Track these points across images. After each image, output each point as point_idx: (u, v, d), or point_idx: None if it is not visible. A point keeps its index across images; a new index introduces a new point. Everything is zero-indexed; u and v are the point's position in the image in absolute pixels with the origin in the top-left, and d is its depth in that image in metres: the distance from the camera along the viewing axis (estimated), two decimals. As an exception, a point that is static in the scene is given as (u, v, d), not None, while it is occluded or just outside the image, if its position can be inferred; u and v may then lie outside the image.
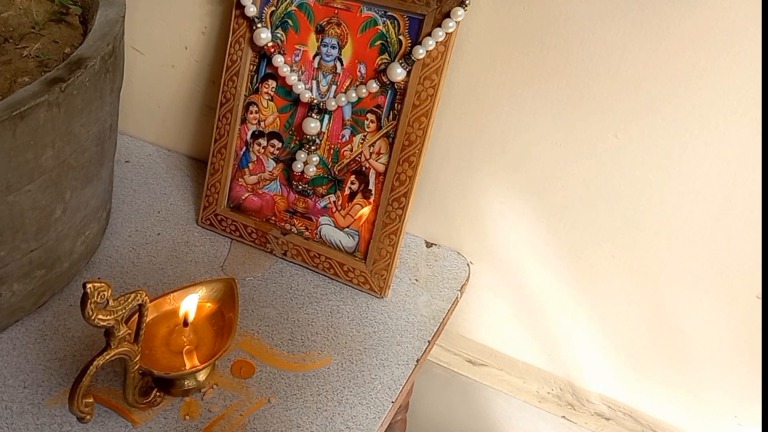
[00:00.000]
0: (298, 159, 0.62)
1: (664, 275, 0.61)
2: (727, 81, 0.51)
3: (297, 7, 0.60)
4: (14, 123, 0.41)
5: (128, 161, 0.76)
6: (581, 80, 0.55)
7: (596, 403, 0.72)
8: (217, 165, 0.67)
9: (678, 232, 0.58)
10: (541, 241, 0.64)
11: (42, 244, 0.50)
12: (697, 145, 0.54)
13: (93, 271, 0.61)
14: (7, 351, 0.53)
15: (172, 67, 0.73)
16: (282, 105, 0.63)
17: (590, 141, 0.58)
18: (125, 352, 0.44)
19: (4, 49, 0.52)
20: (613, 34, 0.53)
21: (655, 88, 0.53)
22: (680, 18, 0.50)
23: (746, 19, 0.48)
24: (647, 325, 0.64)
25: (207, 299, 0.52)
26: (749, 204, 0.54)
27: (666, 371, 0.66)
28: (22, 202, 0.46)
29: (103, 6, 0.54)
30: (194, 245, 0.66)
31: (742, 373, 0.62)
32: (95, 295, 0.39)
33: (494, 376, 0.76)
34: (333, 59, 0.60)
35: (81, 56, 0.47)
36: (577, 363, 0.70)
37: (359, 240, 0.63)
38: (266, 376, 0.53)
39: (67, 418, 0.48)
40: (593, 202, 0.60)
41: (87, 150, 0.50)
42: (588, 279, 0.64)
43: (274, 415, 0.51)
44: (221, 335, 0.50)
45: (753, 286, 0.57)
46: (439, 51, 0.55)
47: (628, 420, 0.71)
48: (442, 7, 0.54)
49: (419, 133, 0.58)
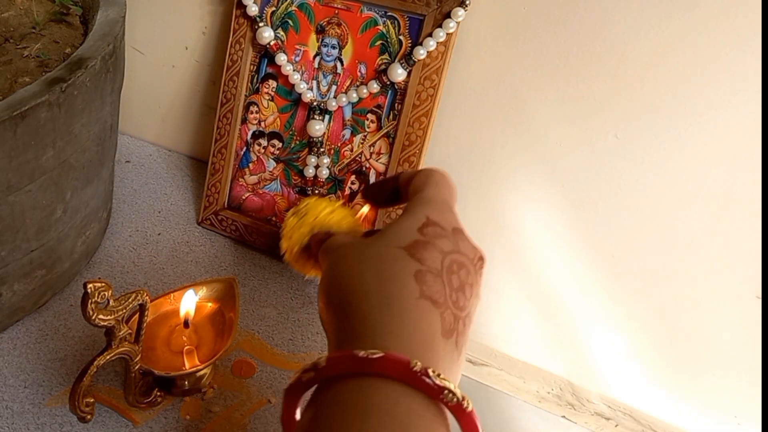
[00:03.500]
0: (309, 165, 0.62)
1: (664, 275, 0.61)
2: (727, 81, 0.51)
3: (297, 7, 0.60)
4: (15, 123, 0.41)
5: (129, 161, 0.76)
6: (581, 80, 0.55)
7: (596, 403, 0.72)
8: (217, 165, 0.67)
9: (678, 232, 0.58)
10: (541, 241, 0.64)
11: (42, 244, 0.51)
12: (697, 145, 0.54)
13: (93, 271, 0.61)
14: (8, 351, 0.53)
15: (173, 67, 0.73)
16: (282, 105, 0.63)
17: (590, 141, 0.58)
18: (126, 352, 0.44)
19: (4, 49, 0.52)
20: (614, 34, 0.53)
21: (655, 88, 0.53)
22: (680, 18, 0.50)
23: (746, 18, 0.48)
24: (647, 324, 0.64)
25: (207, 299, 0.52)
26: (749, 204, 0.54)
27: (666, 371, 0.66)
28: (23, 202, 0.46)
29: (104, 6, 0.54)
30: (195, 245, 0.66)
31: (741, 373, 0.62)
32: (96, 294, 0.39)
33: (494, 375, 0.76)
34: (333, 59, 0.60)
35: (81, 56, 0.47)
36: (577, 363, 0.70)
37: (359, 240, 0.63)
38: (266, 376, 0.53)
39: (67, 417, 0.48)
40: (593, 202, 0.60)
41: (87, 150, 0.50)
42: (588, 279, 0.64)
43: (274, 415, 0.51)
44: (221, 335, 0.50)
45: (753, 286, 0.57)
46: (440, 51, 0.55)
47: (628, 420, 0.71)
48: (443, 7, 0.54)
49: (419, 133, 0.58)
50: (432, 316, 0.31)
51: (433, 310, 0.32)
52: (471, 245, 0.36)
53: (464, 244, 0.35)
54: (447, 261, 0.34)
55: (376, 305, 0.31)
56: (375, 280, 0.32)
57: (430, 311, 0.31)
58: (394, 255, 0.33)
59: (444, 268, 0.33)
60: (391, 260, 0.33)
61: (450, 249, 0.34)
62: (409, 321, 0.31)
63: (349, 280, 0.33)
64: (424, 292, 0.32)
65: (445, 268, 0.33)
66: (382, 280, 0.32)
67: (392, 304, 0.31)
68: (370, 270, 0.33)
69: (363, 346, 0.29)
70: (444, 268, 0.33)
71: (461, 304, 0.33)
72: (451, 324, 0.32)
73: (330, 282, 0.35)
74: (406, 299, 0.31)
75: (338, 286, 0.34)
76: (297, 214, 0.45)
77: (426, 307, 0.31)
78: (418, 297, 0.32)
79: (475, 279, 0.35)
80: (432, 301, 0.32)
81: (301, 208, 0.45)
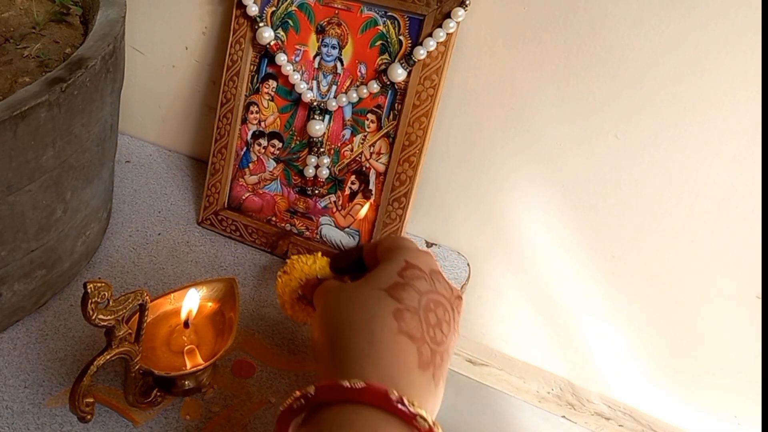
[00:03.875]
0: (309, 164, 0.62)
1: (664, 275, 0.61)
2: (727, 81, 0.51)
3: (297, 7, 0.60)
4: (15, 123, 0.41)
5: (129, 161, 0.76)
6: (581, 80, 0.55)
7: (596, 403, 0.72)
8: (217, 165, 0.67)
9: (678, 232, 0.58)
10: (541, 241, 0.64)
11: (43, 244, 0.51)
12: (697, 145, 0.54)
13: (94, 270, 0.61)
14: (8, 351, 0.53)
15: (173, 67, 0.73)
16: (282, 105, 0.63)
17: (590, 141, 0.58)
18: (126, 352, 0.44)
19: (4, 49, 0.52)
20: (614, 34, 0.53)
21: (655, 88, 0.53)
22: (680, 17, 0.50)
23: (746, 18, 0.48)
24: (647, 324, 0.64)
25: (208, 299, 0.52)
26: (749, 204, 0.54)
27: (666, 371, 0.66)
28: (23, 202, 0.46)
29: (104, 6, 0.54)
30: (195, 245, 0.66)
31: (741, 373, 0.62)
32: (96, 294, 0.39)
33: (494, 375, 0.76)
34: (333, 59, 0.60)
35: (82, 56, 0.47)
36: (577, 363, 0.70)
37: (360, 240, 0.63)
38: (267, 376, 0.53)
39: (67, 417, 0.48)
40: (593, 203, 0.60)
41: (88, 150, 0.50)
42: (588, 279, 0.64)
43: (274, 415, 0.51)
44: (222, 335, 0.50)
45: (753, 286, 0.57)
46: (440, 51, 0.55)
47: (628, 420, 0.71)
48: (443, 7, 0.54)
49: (419, 133, 0.58)
50: (409, 350, 0.35)
51: (410, 344, 0.36)
52: (448, 285, 0.40)
53: (441, 285, 0.40)
54: (424, 300, 0.38)
55: (360, 340, 0.36)
56: (360, 319, 0.37)
57: (408, 345, 0.35)
58: (376, 296, 0.38)
59: (421, 306, 0.37)
60: (374, 301, 0.37)
61: (427, 289, 0.39)
62: (387, 354, 0.35)
63: (338, 318, 0.38)
64: (402, 328, 0.36)
65: (423, 306, 0.37)
66: (366, 319, 0.37)
67: (373, 340, 0.35)
68: (357, 311, 0.37)
69: (348, 376, 0.34)
70: (421, 307, 0.37)
71: (438, 339, 0.37)
72: (428, 357, 0.36)
73: (323, 320, 0.39)
74: (386, 335, 0.36)
75: (330, 323, 0.38)
76: (285, 274, 0.50)
77: (403, 341, 0.35)
78: (397, 332, 0.36)
79: (453, 316, 0.39)
80: (409, 336, 0.36)
81: (287, 268, 0.50)
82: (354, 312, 0.37)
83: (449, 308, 0.39)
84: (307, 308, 0.50)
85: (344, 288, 0.40)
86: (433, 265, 0.41)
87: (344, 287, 0.40)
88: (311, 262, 0.51)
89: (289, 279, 0.51)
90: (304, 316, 0.51)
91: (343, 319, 0.37)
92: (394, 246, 0.42)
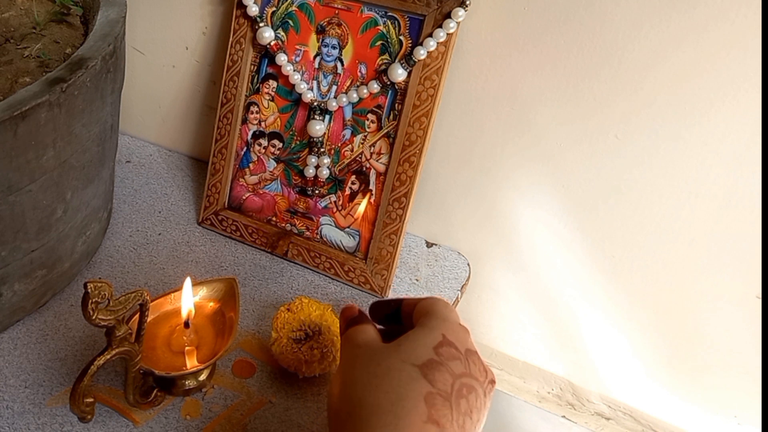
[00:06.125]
0: (309, 164, 0.62)
1: (664, 275, 0.61)
2: (727, 81, 0.51)
3: (297, 7, 0.60)
4: (15, 123, 0.41)
5: (129, 161, 0.76)
6: (581, 80, 0.55)
7: (596, 403, 0.72)
8: (218, 165, 0.67)
9: (677, 233, 0.58)
10: (542, 241, 0.64)
11: (43, 244, 0.51)
12: (697, 145, 0.54)
13: (94, 270, 0.61)
14: (9, 351, 0.53)
15: (173, 67, 0.73)
16: (283, 105, 0.63)
17: (590, 141, 0.58)
18: (126, 352, 0.44)
19: (5, 49, 0.52)
20: (614, 34, 0.53)
21: (655, 88, 0.53)
22: (680, 17, 0.50)
23: (746, 18, 0.48)
24: (647, 324, 0.64)
25: (208, 299, 0.52)
26: (749, 204, 0.54)
27: (666, 371, 0.66)
28: (24, 202, 0.46)
29: (104, 6, 0.54)
30: (195, 245, 0.66)
31: (741, 373, 0.62)
32: (96, 294, 0.39)
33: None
34: (333, 59, 0.60)
35: (82, 56, 0.47)
36: (577, 363, 0.70)
37: (360, 240, 0.63)
38: (267, 375, 0.53)
39: (68, 417, 0.48)
40: (593, 202, 0.60)
41: (88, 150, 0.50)
42: (588, 279, 0.64)
43: (274, 415, 0.51)
44: (222, 335, 0.50)
45: (753, 286, 0.57)
46: (440, 51, 0.55)
47: (628, 420, 0.71)
48: (443, 7, 0.54)
49: (420, 133, 0.58)
50: None
51: None
52: (483, 368, 0.38)
53: (476, 367, 0.38)
54: (458, 384, 0.36)
55: (384, 421, 0.34)
56: (386, 397, 0.35)
57: None
58: (408, 373, 0.35)
59: (454, 391, 0.35)
60: (406, 379, 0.35)
61: (461, 372, 0.37)
62: None
63: (362, 390, 0.36)
64: (432, 416, 0.34)
65: (455, 391, 0.35)
66: (394, 399, 0.34)
67: (399, 425, 0.33)
68: (384, 386, 0.35)
69: None
70: (454, 392, 0.35)
71: (467, 428, 0.35)
72: None
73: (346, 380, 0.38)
74: (414, 421, 0.33)
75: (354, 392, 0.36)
76: (289, 311, 0.48)
77: (432, 431, 0.33)
78: (426, 420, 0.34)
79: (484, 402, 0.37)
80: (438, 426, 0.34)
81: (293, 306, 0.49)
82: (381, 386, 0.35)
83: (481, 394, 0.37)
84: (296, 355, 0.50)
85: (376, 351, 0.38)
86: (469, 345, 0.39)
87: (376, 349, 0.38)
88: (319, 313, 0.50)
89: (292, 317, 0.50)
90: (289, 361, 0.50)
91: (369, 393, 0.35)
92: (433, 312, 0.40)
